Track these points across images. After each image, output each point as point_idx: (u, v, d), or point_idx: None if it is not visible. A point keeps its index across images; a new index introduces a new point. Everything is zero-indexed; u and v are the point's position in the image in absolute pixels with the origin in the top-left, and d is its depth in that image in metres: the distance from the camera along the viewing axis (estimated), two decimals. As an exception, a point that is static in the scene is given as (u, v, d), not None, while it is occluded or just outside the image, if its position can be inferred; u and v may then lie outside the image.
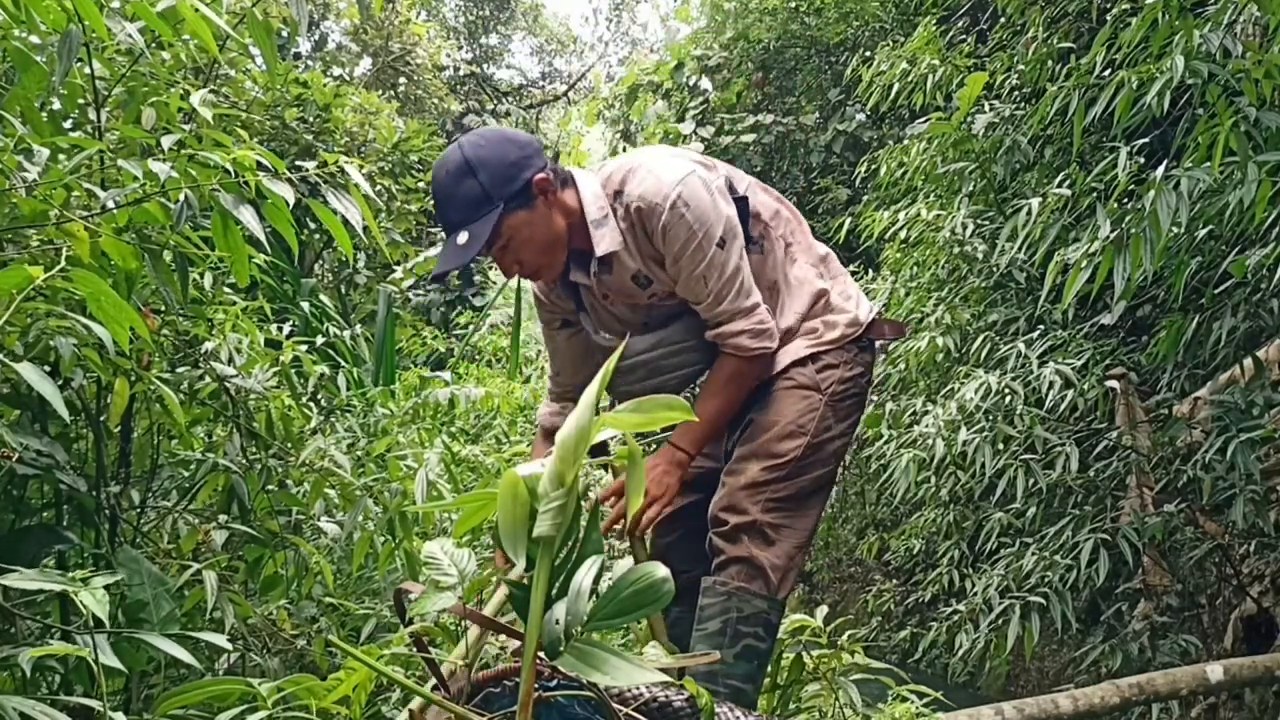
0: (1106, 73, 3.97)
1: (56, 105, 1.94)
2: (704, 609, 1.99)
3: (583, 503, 1.17)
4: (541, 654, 1.09)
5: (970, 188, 5.51)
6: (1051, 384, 3.97)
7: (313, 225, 6.65)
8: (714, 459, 2.20)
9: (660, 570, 1.12)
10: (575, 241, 2.05)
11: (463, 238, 1.90)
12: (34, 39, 1.82)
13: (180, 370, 2.20)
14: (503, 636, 1.42)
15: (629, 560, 2.19)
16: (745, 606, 1.95)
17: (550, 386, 2.39)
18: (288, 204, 1.70)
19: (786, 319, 2.14)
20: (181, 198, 1.63)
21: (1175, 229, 3.07)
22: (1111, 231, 3.18)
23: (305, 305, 4.69)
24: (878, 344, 2.29)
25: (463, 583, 1.28)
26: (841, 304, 2.18)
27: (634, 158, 2.10)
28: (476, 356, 8.62)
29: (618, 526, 2.02)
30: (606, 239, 2.03)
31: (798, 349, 2.13)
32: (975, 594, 4.05)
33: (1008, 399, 4.13)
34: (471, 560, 1.35)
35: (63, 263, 1.41)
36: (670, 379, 2.11)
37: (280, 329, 2.77)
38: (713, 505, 2.06)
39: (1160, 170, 3.10)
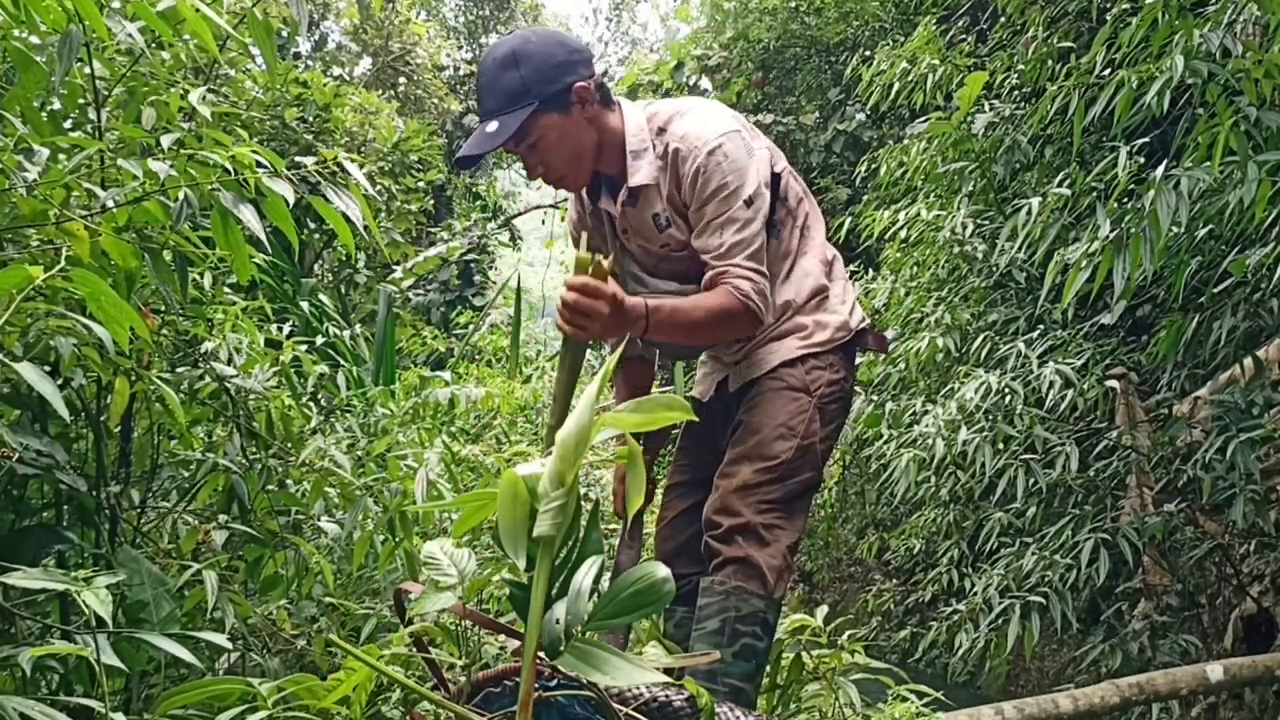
0: (1106, 72, 3.97)
1: (56, 105, 1.94)
2: (702, 609, 1.99)
3: (583, 502, 1.17)
4: (541, 654, 1.08)
5: (970, 187, 5.51)
6: (1051, 384, 3.97)
7: (313, 225, 6.66)
8: (715, 461, 2.20)
9: (660, 570, 1.12)
10: (609, 166, 2.07)
11: (492, 126, 1.89)
12: (34, 39, 1.82)
13: (180, 370, 2.19)
14: (502, 636, 1.42)
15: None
16: (743, 606, 1.95)
17: None
18: (288, 203, 1.70)
19: (784, 295, 2.13)
20: (181, 197, 1.63)
21: (1175, 229, 3.07)
22: (1111, 231, 3.18)
23: (305, 305, 4.69)
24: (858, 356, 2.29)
25: (463, 583, 1.28)
26: (837, 306, 2.18)
27: (685, 102, 2.10)
28: (476, 356, 8.62)
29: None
30: (642, 171, 2.03)
31: (789, 348, 2.12)
32: (975, 594, 4.05)
33: (1008, 399, 4.13)
34: (471, 560, 1.35)
35: (63, 263, 1.40)
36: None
37: (280, 329, 2.76)
38: (706, 508, 2.05)
39: (1160, 170, 3.10)
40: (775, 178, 2.10)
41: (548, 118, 1.93)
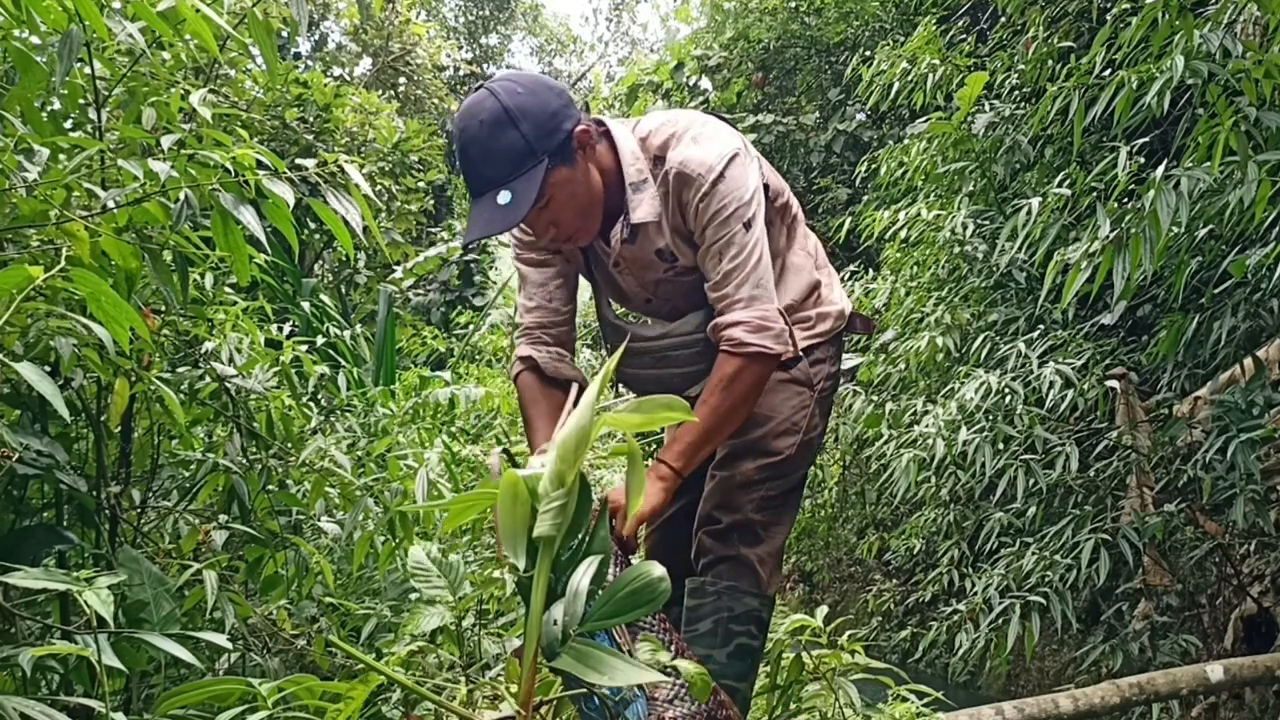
0: (1106, 72, 3.98)
1: (56, 105, 1.94)
2: (693, 610, 1.94)
3: (593, 501, 1.17)
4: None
5: (970, 187, 5.51)
6: (1051, 384, 3.97)
7: (313, 225, 6.66)
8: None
9: (657, 570, 1.12)
10: (606, 201, 1.92)
11: (504, 197, 1.72)
12: (34, 39, 1.82)
13: (180, 370, 2.20)
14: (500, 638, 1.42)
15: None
16: (736, 605, 1.91)
17: (535, 324, 2.11)
18: (288, 204, 1.70)
19: (781, 299, 2.03)
20: (181, 197, 1.63)
21: (1175, 229, 3.07)
22: (1111, 231, 3.18)
23: (306, 305, 4.69)
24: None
25: (455, 591, 1.29)
26: (829, 295, 2.15)
27: (677, 120, 1.94)
28: (476, 356, 8.62)
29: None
30: (644, 207, 1.89)
31: (798, 339, 2.07)
32: (975, 594, 4.05)
33: (1008, 399, 4.13)
34: (461, 566, 1.34)
35: (63, 263, 1.41)
36: (677, 373, 2.01)
37: (280, 329, 2.77)
38: (704, 503, 2.00)
39: (1160, 170, 3.10)
40: (764, 187, 2.00)
41: (557, 173, 1.78)
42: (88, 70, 1.80)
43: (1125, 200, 3.58)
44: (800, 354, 2.02)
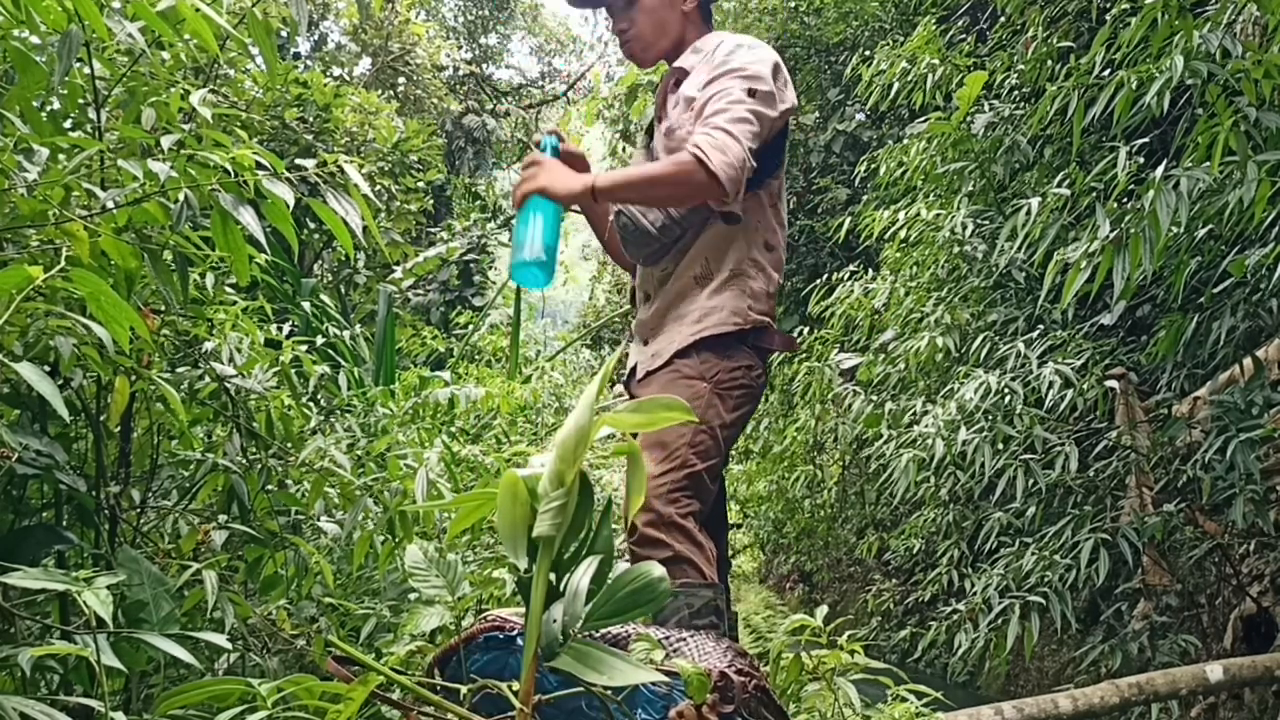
0: (1106, 72, 3.97)
1: (56, 105, 1.94)
2: (656, 616, 1.98)
3: (595, 499, 1.17)
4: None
5: (970, 187, 5.51)
6: (1051, 384, 3.97)
7: (312, 225, 6.66)
8: None
9: (656, 569, 1.12)
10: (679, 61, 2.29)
11: None
12: (34, 39, 1.82)
13: (180, 370, 2.20)
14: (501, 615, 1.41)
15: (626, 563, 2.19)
16: (694, 601, 1.96)
17: None
18: (287, 204, 1.70)
19: (729, 258, 2.20)
20: (181, 197, 1.63)
21: (1175, 229, 3.07)
22: (1111, 231, 3.18)
23: (306, 305, 4.68)
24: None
25: (453, 591, 1.29)
26: (741, 294, 2.19)
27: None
28: (476, 356, 8.62)
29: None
30: (688, 59, 2.26)
31: (684, 335, 2.15)
32: (975, 594, 4.05)
33: (1007, 399, 4.13)
34: (459, 565, 1.34)
35: (62, 263, 1.41)
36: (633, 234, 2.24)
37: (280, 329, 2.76)
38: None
39: (1160, 170, 3.10)
40: (781, 136, 2.21)
41: None
42: (87, 70, 1.80)
43: (1125, 200, 3.58)
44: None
